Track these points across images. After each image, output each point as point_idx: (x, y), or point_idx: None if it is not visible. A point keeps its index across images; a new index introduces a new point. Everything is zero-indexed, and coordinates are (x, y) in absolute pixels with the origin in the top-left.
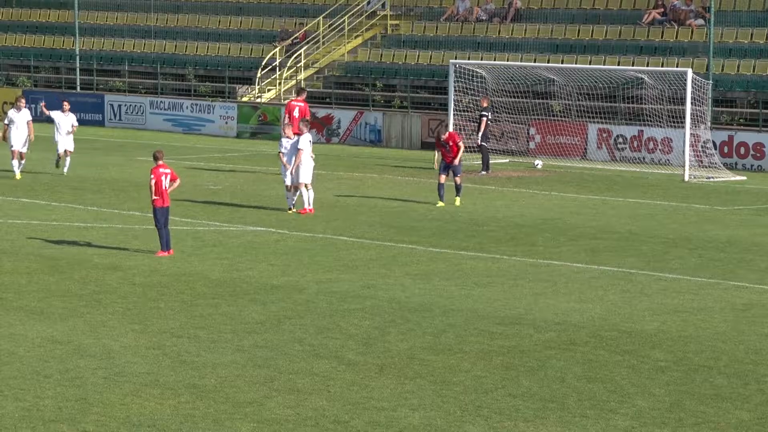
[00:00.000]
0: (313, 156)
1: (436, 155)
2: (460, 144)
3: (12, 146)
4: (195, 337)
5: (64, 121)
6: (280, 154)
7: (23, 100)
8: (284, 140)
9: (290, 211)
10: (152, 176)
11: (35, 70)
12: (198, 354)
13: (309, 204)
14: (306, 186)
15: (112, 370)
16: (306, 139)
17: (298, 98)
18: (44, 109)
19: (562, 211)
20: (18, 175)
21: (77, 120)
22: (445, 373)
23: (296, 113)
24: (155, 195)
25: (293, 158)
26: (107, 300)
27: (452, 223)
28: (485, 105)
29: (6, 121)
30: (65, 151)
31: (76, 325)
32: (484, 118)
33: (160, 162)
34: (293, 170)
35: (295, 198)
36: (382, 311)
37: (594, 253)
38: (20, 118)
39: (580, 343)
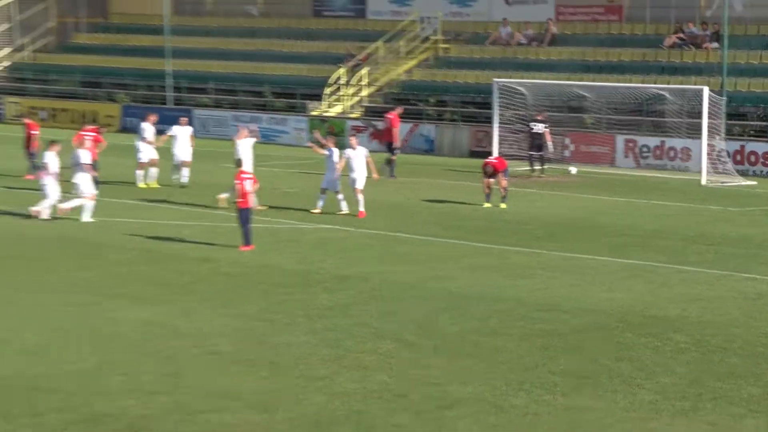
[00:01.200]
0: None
1: (484, 184)
2: (507, 173)
3: (176, 158)
4: (274, 320)
5: (182, 133)
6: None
7: (185, 119)
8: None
9: (314, 212)
10: (237, 181)
11: (132, 88)
12: (276, 335)
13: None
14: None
15: (203, 349)
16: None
17: (392, 111)
18: (170, 132)
19: (594, 211)
20: (182, 184)
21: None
22: (492, 353)
23: (387, 124)
24: (239, 197)
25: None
26: (198, 288)
27: (497, 222)
28: (539, 118)
29: (170, 133)
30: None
31: (171, 309)
32: (533, 129)
33: (243, 168)
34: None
35: (320, 202)
36: (437, 299)
37: (622, 249)
38: (183, 133)
39: (611, 327)
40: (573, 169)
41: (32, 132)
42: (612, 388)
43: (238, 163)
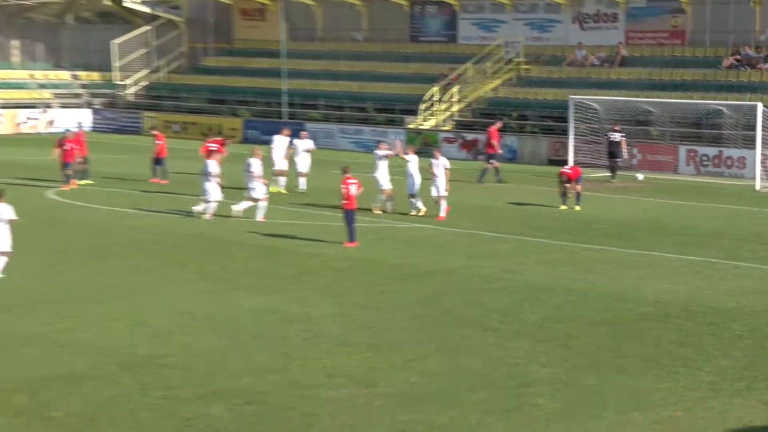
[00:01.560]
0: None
1: (560, 189)
2: (580, 180)
3: (297, 167)
4: (375, 308)
5: (301, 145)
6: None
7: (306, 133)
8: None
9: (413, 214)
10: (343, 186)
11: (252, 104)
12: (377, 321)
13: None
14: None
15: (312, 333)
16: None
17: (492, 126)
18: (292, 146)
19: (658, 213)
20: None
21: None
22: (568, 338)
23: (487, 136)
24: (345, 200)
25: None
26: (309, 279)
27: (572, 222)
28: (617, 128)
29: (291, 145)
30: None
31: (284, 298)
32: (611, 138)
33: (348, 174)
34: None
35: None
36: (518, 290)
37: (683, 246)
38: (303, 146)
39: (673, 316)
40: (640, 176)
41: (157, 142)
42: (674, 370)
43: (345, 170)
